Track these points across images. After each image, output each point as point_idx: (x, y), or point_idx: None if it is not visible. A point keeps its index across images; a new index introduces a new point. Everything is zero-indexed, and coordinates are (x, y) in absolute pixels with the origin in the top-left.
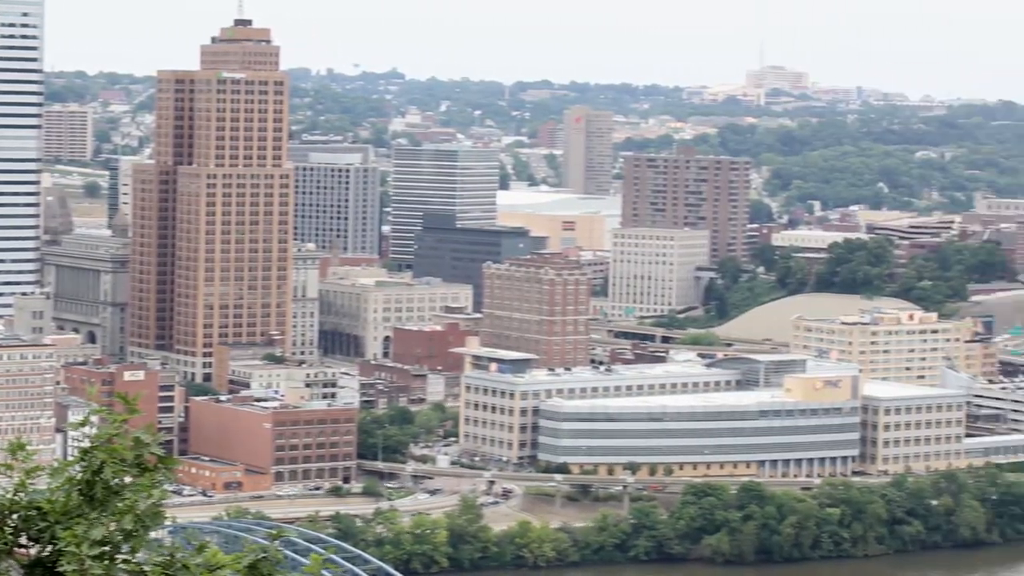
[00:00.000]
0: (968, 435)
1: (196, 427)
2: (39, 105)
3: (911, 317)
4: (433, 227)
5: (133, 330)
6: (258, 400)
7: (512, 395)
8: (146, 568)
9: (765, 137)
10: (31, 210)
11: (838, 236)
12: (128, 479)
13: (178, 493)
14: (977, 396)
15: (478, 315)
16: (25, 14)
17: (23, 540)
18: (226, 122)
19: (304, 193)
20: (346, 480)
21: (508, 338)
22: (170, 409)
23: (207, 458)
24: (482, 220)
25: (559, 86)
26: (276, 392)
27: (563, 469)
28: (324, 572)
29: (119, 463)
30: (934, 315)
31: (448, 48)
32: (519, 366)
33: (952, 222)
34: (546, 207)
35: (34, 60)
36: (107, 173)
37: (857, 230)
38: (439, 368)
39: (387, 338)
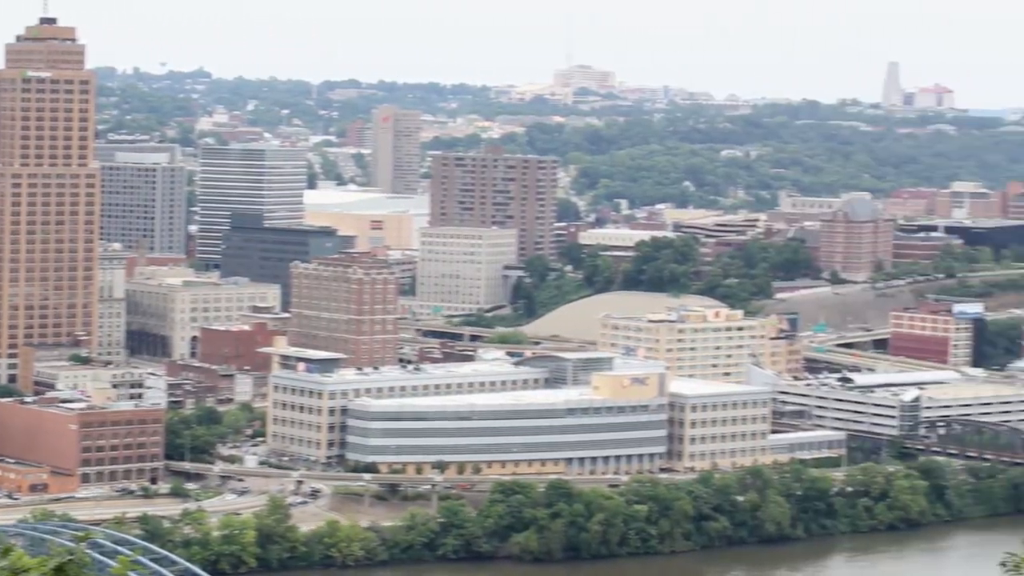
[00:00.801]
0: (773, 431)
1: (1, 429)
2: None
3: (717, 315)
4: (240, 227)
5: None
6: (64, 401)
7: (320, 395)
8: None
9: (572, 136)
10: None
11: (645, 235)
12: None
13: None
14: (782, 393)
15: (286, 315)
16: None
17: None
18: (31, 121)
19: (110, 193)
20: (153, 481)
21: (316, 338)
22: None
23: (12, 460)
24: (290, 219)
25: (367, 85)
26: (82, 393)
27: (372, 468)
28: (131, 574)
29: None
30: (740, 313)
31: (255, 47)
32: (327, 366)
33: (757, 220)
34: (354, 206)
35: None
36: None
37: (664, 229)
38: (247, 368)
39: (194, 338)
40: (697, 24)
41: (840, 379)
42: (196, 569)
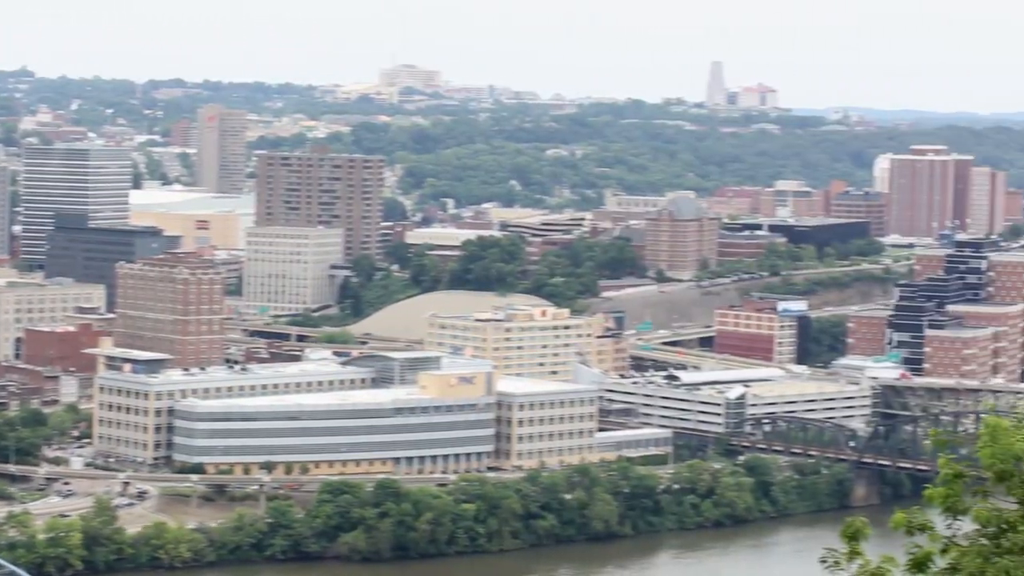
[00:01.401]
0: (600, 429)
1: None
2: None
3: (544, 313)
4: (65, 227)
5: None
6: None
7: (146, 396)
8: None
9: (398, 136)
10: None
11: (471, 234)
12: None
13: None
14: (609, 391)
15: (111, 315)
16: None
17: None
18: None
19: None
20: None
21: (142, 338)
22: None
23: None
24: (115, 220)
25: (192, 84)
26: None
27: (199, 469)
28: None
29: None
30: (566, 311)
31: (79, 46)
32: (153, 366)
33: (583, 219)
34: (179, 206)
35: None
36: None
37: (490, 228)
38: (72, 369)
39: (19, 339)
40: (522, 24)
41: (666, 377)
42: (21, 572)
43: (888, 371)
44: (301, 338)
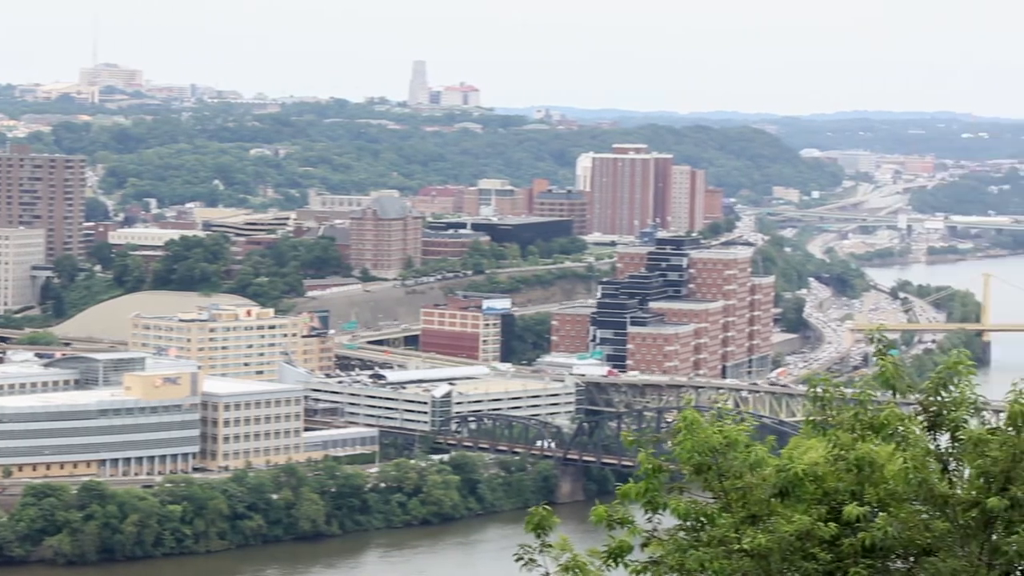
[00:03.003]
0: (307, 429)
1: None
2: None
3: (249, 313)
4: None
5: None
6: None
7: None
8: None
9: (100, 135)
10: None
11: (175, 233)
12: None
13: None
14: (315, 390)
15: None
16: None
17: None
18: None
19: None
20: None
21: None
22: None
23: None
24: None
25: None
26: None
27: None
28: None
29: None
30: (271, 311)
31: None
32: None
33: (287, 219)
34: None
35: None
36: None
37: (193, 227)
38: None
39: None
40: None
41: (372, 376)
42: None
43: (595, 368)
44: (2, 340)
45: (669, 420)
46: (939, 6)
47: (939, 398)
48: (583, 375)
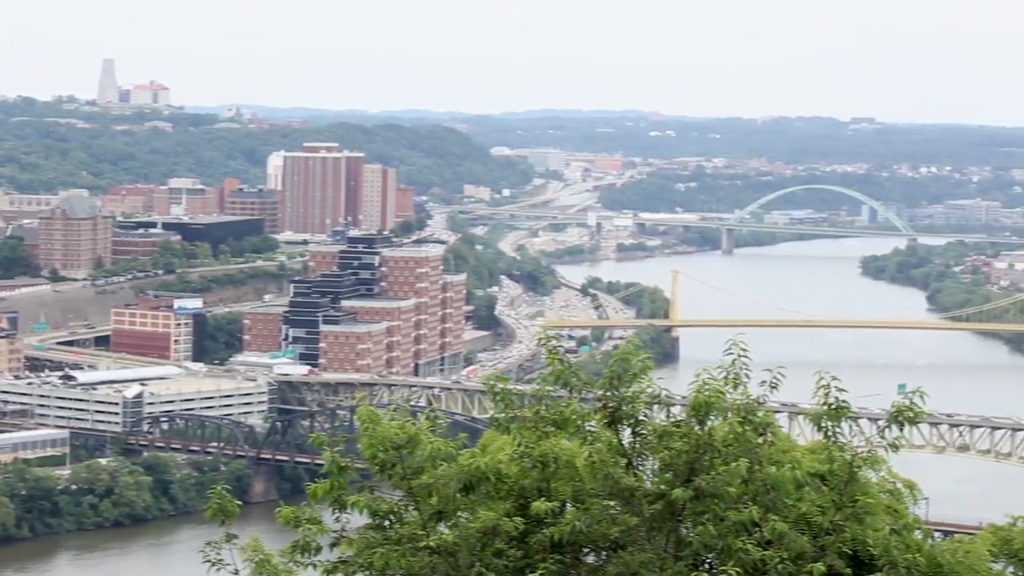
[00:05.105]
0: None
1: None
2: None
3: None
4: None
5: None
6: None
7: None
8: None
9: None
10: None
11: None
12: None
13: None
14: (4, 392)
15: None
16: None
17: None
18: None
19: None
20: None
21: None
22: None
23: None
24: None
25: None
26: None
27: None
28: None
29: None
30: None
31: None
32: None
33: None
34: None
35: None
36: None
37: None
38: None
39: None
40: None
41: (62, 377)
42: None
43: (294, 367)
44: None
45: None
46: (626, 10)
47: (616, 393)
48: (286, 374)
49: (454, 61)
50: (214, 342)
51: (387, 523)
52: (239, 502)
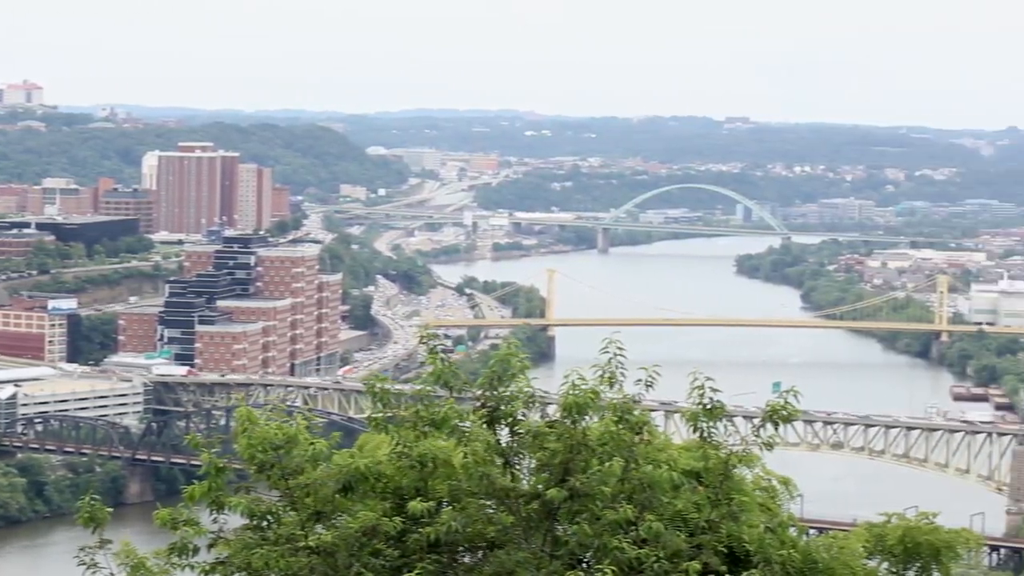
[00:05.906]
0: None
1: None
2: None
3: None
4: None
5: None
6: None
7: None
8: None
9: None
10: None
11: None
12: None
13: None
14: None
15: None
16: None
17: None
18: None
19: None
20: None
21: None
22: None
23: None
24: None
25: None
26: None
27: None
28: None
29: None
30: None
31: None
32: None
33: None
34: None
35: None
36: None
37: None
38: None
39: None
40: None
41: None
42: None
43: (173, 367)
44: None
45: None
46: (501, 9)
47: (495, 392)
48: (164, 375)
49: (326, 59)
50: (89, 343)
51: (265, 524)
52: (110, 508)
